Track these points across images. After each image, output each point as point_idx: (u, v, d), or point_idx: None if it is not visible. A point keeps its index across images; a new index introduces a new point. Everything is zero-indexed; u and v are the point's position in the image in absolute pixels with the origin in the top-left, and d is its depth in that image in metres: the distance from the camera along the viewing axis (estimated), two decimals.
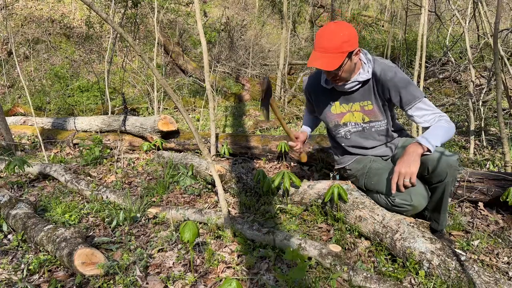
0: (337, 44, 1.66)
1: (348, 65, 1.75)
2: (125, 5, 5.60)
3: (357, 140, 2.03)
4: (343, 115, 2.00)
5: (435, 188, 1.79)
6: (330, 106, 2.02)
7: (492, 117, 4.16)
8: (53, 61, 8.40)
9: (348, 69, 1.77)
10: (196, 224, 1.66)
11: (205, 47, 3.21)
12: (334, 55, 1.67)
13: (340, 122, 2.02)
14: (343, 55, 1.68)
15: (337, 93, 1.96)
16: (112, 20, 1.69)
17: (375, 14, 13.11)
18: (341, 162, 2.17)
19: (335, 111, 2.01)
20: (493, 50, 2.42)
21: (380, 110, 1.92)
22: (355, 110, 1.96)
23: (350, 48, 1.69)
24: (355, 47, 1.72)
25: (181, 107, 1.84)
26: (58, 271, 1.76)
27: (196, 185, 2.82)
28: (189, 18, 9.79)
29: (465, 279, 1.43)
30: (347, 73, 1.79)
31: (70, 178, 2.87)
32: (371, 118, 1.95)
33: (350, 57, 1.73)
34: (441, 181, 1.74)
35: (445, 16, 8.25)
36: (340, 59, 1.68)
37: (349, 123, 2.01)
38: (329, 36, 1.68)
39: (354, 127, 2.01)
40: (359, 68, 1.85)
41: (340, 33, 1.67)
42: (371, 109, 1.92)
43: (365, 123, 1.98)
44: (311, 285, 1.50)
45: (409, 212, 1.82)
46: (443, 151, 1.73)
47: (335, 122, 2.04)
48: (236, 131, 4.78)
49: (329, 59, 1.67)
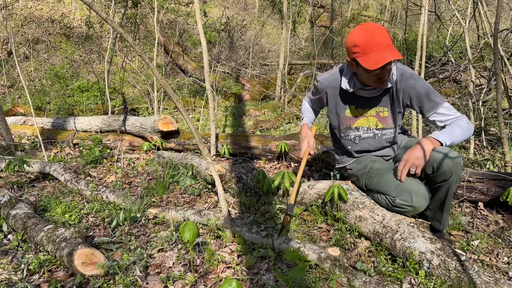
0: (389, 36, 1.68)
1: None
2: (125, 5, 5.60)
3: (365, 146, 2.04)
4: (357, 119, 1.99)
5: (439, 187, 1.79)
6: (345, 109, 2.00)
7: (492, 117, 4.16)
8: (53, 61, 8.40)
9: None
10: (196, 224, 1.66)
11: (205, 47, 3.21)
12: (392, 47, 1.68)
13: (353, 126, 2.01)
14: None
15: (356, 97, 1.95)
16: (112, 20, 1.69)
17: (375, 14, 13.11)
18: (342, 162, 2.17)
19: (349, 114, 2.00)
20: (493, 50, 2.42)
21: (394, 117, 1.93)
22: (370, 115, 1.96)
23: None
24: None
25: (181, 107, 1.84)
26: (58, 271, 1.76)
27: (196, 185, 2.82)
28: (189, 18, 9.80)
29: (465, 279, 1.43)
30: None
31: (70, 177, 2.87)
32: (383, 125, 1.96)
33: None
34: (446, 180, 1.74)
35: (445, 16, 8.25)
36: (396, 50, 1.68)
37: (361, 128, 2.00)
38: (380, 31, 1.67)
39: (366, 132, 2.00)
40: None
41: (380, 27, 1.69)
42: (386, 116, 1.93)
43: (377, 130, 1.98)
44: (311, 286, 1.50)
45: (409, 213, 1.83)
46: (449, 151, 1.73)
47: (347, 125, 2.02)
48: (236, 131, 4.78)
49: (394, 51, 1.66)
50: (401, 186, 1.79)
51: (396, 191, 1.80)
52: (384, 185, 1.86)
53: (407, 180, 1.80)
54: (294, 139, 3.23)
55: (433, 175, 1.77)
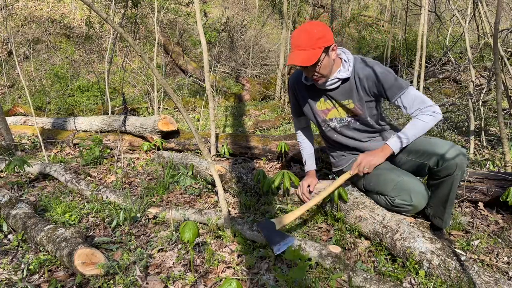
0: (312, 40, 1.73)
1: (326, 61, 1.79)
2: (125, 5, 5.60)
3: (347, 132, 2.04)
4: (328, 111, 2.01)
5: (442, 183, 1.79)
6: (315, 102, 2.03)
7: (492, 117, 4.16)
8: (53, 61, 8.40)
9: (326, 64, 1.80)
10: (196, 224, 1.66)
11: (205, 47, 3.21)
12: (310, 51, 1.73)
13: (327, 118, 2.04)
14: (319, 50, 1.73)
15: (319, 91, 1.98)
16: (112, 20, 1.69)
17: (375, 14, 13.11)
18: (339, 165, 2.17)
19: (320, 107, 2.03)
20: (493, 50, 2.42)
21: (362, 106, 1.92)
22: (338, 106, 1.98)
23: (325, 44, 1.75)
24: (330, 43, 1.77)
25: (181, 107, 1.84)
26: (58, 271, 1.76)
27: (196, 185, 2.82)
28: (189, 18, 9.80)
29: (465, 279, 1.43)
30: (326, 69, 1.81)
31: (70, 178, 2.87)
32: (355, 113, 1.95)
33: (327, 53, 1.78)
34: (450, 175, 1.74)
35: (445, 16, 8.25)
36: (317, 55, 1.73)
37: (334, 119, 2.02)
38: (304, 34, 1.74)
39: (340, 122, 2.02)
40: (339, 66, 1.88)
41: (314, 30, 1.74)
42: (353, 107, 1.93)
43: (349, 117, 1.99)
44: (311, 285, 1.50)
45: (409, 212, 1.83)
46: (453, 145, 1.74)
47: (322, 117, 2.05)
48: (236, 131, 4.78)
49: (306, 56, 1.73)
50: (399, 185, 1.79)
51: (395, 191, 1.80)
52: (382, 186, 1.86)
53: (405, 179, 1.80)
54: (294, 139, 3.23)
55: (437, 170, 1.77)
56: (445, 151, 1.73)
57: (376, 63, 1.86)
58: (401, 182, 1.79)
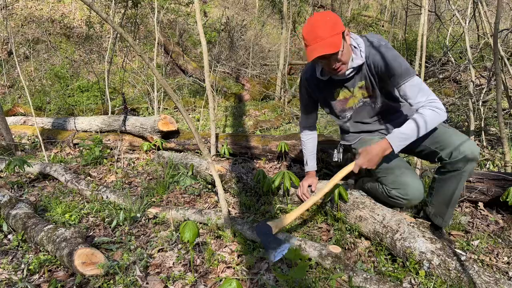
0: (329, 28, 1.68)
1: (346, 46, 1.75)
2: (125, 5, 5.60)
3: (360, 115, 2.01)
4: (346, 100, 1.98)
5: (449, 179, 1.79)
6: (333, 94, 1.99)
7: (492, 117, 4.16)
8: (53, 61, 8.40)
9: (346, 50, 1.76)
10: (196, 224, 1.66)
11: (205, 47, 3.21)
12: (331, 39, 1.68)
13: (346, 107, 2.01)
14: (339, 36, 1.69)
15: (336, 82, 1.95)
16: (112, 20, 1.69)
17: (375, 14, 13.11)
18: (348, 140, 2.13)
19: (338, 98, 1.99)
20: (493, 50, 2.42)
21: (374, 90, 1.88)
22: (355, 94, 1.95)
23: (342, 29, 1.71)
24: (344, 28, 1.73)
25: (181, 107, 1.84)
26: (58, 271, 1.76)
27: (196, 185, 2.82)
28: (189, 18, 9.80)
29: (465, 279, 1.43)
30: (347, 55, 1.77)
31: (70, 178, 2.87)
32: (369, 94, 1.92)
33: (344, 38, 1.73)
34: (458, 170, 1.73)
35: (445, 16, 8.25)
36: (339, 40, 1.68)
37: (354, 105, 1.99)
38: (319, 24, 1.69)
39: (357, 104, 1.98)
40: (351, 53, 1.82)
41: (326, 17, 1.70)
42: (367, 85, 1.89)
43: (365, 98, 1.95)
44: (311, 285, 1.50)
45: (404, 205, 1.86)
46: (467, 139, 1.71)
47: (341, 107, 2.02)
48: (236, 131, 4.78)
49: (329, 43, 1.67)
50: (398, 179, 1.80)
51: (393, 183, 1.82)
52: (383, 173, 1.85)
53: (404, 173, 1.81)
54: (294, 139, 3.23)
55: (448, 162, 1.75)
56: (457, 144, 1.70)
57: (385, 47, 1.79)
58: (401, 176, 1.80)
